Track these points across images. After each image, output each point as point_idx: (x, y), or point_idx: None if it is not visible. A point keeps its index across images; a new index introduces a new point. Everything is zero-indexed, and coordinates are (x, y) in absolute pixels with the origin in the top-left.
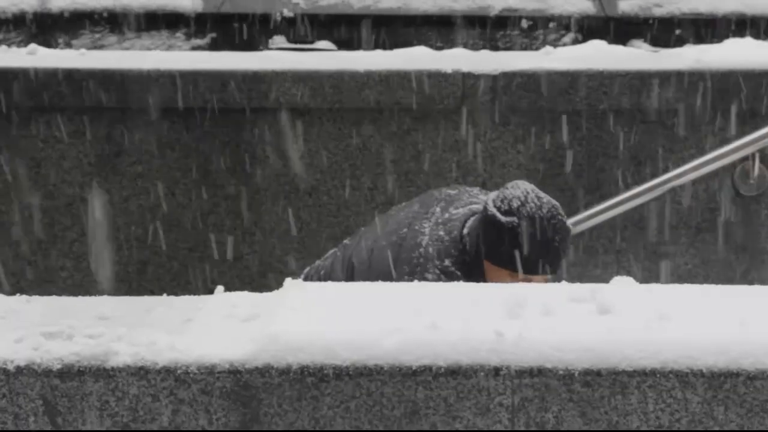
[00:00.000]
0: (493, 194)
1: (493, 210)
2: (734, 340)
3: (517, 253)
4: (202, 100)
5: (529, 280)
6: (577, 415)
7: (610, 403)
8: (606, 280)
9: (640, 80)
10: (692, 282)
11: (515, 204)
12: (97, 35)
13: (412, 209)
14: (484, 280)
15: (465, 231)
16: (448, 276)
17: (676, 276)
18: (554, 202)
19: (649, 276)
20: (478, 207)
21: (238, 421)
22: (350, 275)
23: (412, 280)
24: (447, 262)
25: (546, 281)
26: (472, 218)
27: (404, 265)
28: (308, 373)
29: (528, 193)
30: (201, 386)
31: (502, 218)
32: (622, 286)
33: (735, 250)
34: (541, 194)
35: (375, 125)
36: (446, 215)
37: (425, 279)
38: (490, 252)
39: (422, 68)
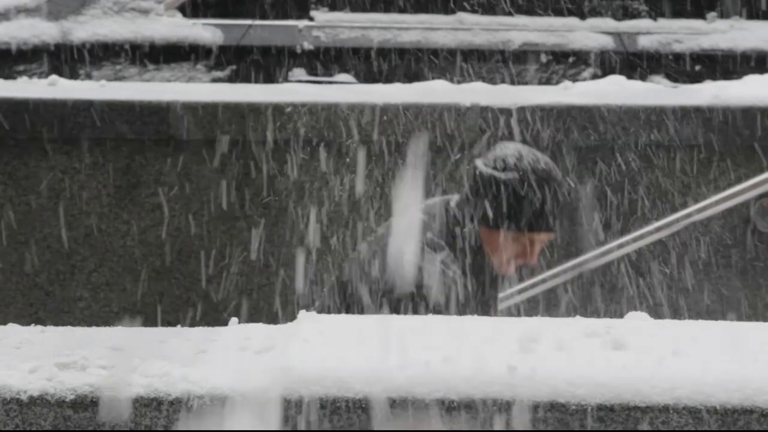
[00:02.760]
0: (479, 160)
1: (488, 170)
2: (749, 377)
3: (521, 210)
4: (221, 132)
5: (532, 241)
6: None
7: None
8: (622, 316)
9: (658, 116)
10: (710, 318)
11: (511, 160)
12: (118, 67)
13: (386, 223)
14: (479, 253)
15: (452, 204)
16: (432, 247)
17: (694, 312)
18: (547, 156)
19: (665, 311)
20: (450, 197)
21: None
22: (341, 293)
23: (400, 262)
24: (429, 235)
25: (548, 241)
26: (456, 196)
27: (386, 252)
28: (321, 405)
29: (520, 148)
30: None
31: (501, 175)
32: (637, 321)
33: (753, 286)
34: (533, 149)
35: (393, 158)
36: (422, 206)
37: (407, 254)
38: (489, 216)
39: (441, 102)
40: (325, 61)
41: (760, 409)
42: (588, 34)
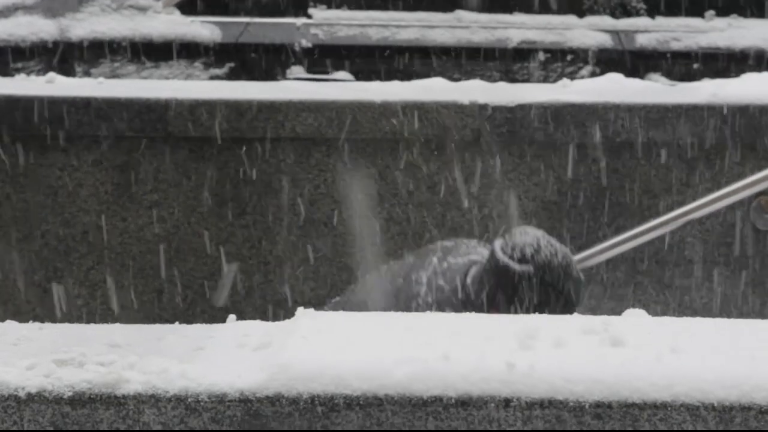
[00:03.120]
0: (498, 242)
1: (504, 259)
2: (746, 374)
3: (531, 303)
4: (219, 129)
5: None
6: None
7: None
8: (620, 313)
9: (656, 113)
10: (707, 316)
11: (528, 251)
12: (116, 64)
13: (406, 262)
14: None
15: (468, 280)
16: None
17: (692, 310)
18: (566, 249)
19: (663, 309)
20: (477, 258)
21: None
22: None
23: None
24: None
25: None
26: (475, 267)
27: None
28: (318, 402)
29: (539, 239)
30: (211, 414)
31: (516, 267)
32: (635, 318)
33: (751, 284)
34: (553, 240)
35: (391, 156)
36: (445, 265)
37: None
38: (501, 302)
39: (439, 99)
40: (324, 58)
41: (758, 406)
42: (586, 32)
